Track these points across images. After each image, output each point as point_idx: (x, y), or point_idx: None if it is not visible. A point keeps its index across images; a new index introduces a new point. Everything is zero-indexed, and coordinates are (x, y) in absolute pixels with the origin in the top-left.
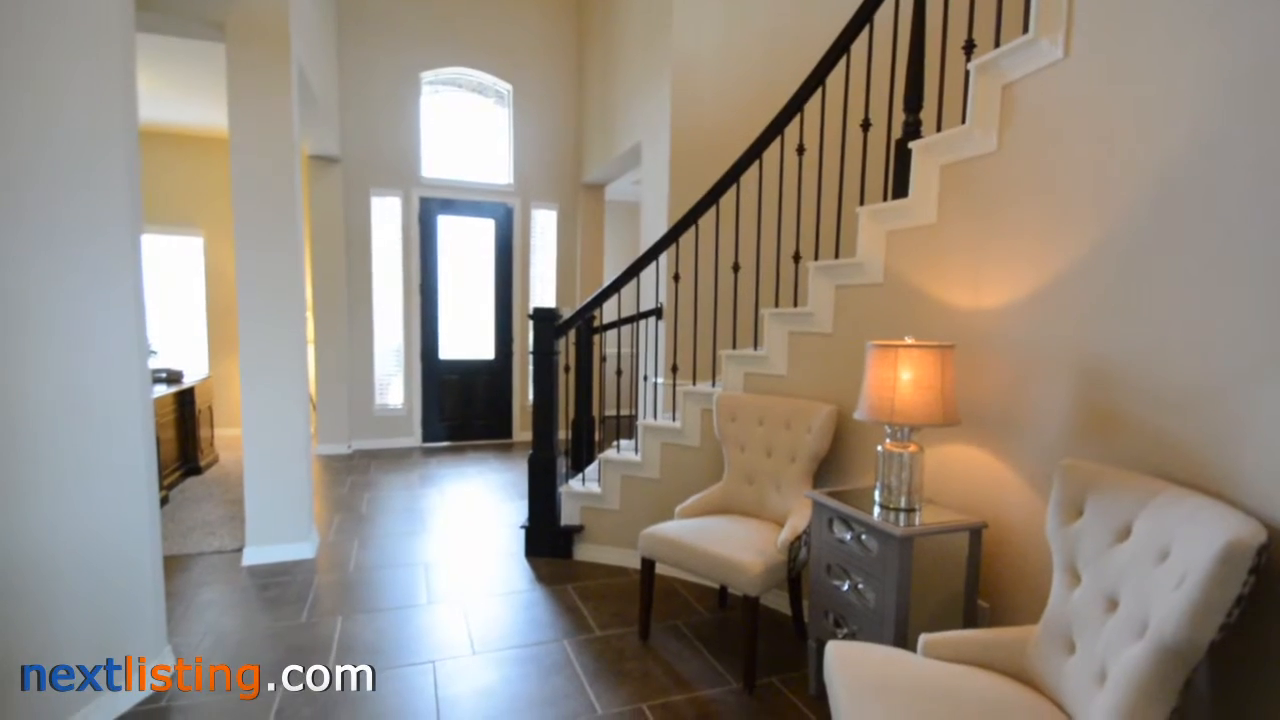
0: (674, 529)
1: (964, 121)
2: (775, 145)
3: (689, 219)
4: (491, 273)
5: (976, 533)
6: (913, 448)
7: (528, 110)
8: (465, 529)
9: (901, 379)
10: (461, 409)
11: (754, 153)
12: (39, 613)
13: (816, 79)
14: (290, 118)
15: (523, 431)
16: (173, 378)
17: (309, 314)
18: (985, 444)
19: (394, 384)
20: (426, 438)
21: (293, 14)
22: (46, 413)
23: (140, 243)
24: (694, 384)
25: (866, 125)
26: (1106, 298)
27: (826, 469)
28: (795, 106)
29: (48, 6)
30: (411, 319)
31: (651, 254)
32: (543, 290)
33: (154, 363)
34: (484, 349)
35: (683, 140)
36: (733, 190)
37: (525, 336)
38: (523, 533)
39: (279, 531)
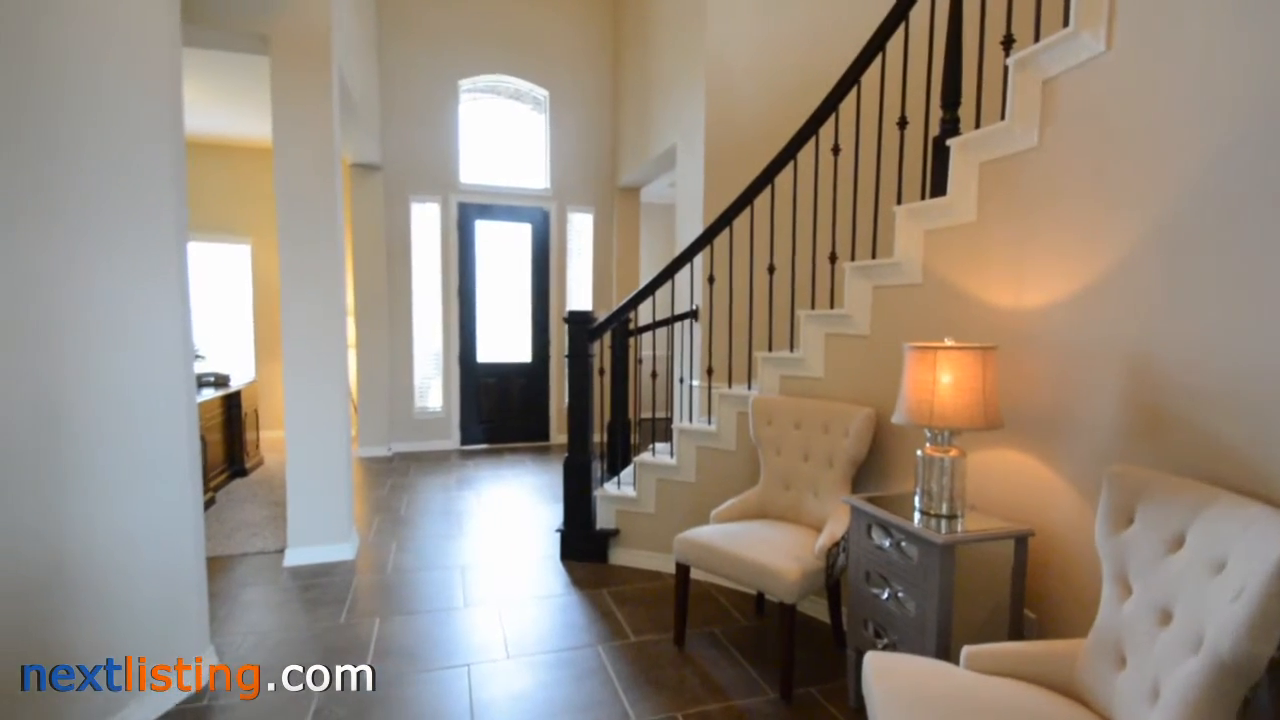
0: (709, 534)
1: (1003, 118)
2: (810, 145)
3: (723, 220)
4: (528, 276)
5: (1022, 541)
6: (954, 452)
7: (564, 115)
8: (502, 532)
9: (941, 381)
10: (499, 412)
11: (788, 153)
12: (82, 612)
13: (851, 78)
14: (331, 126)
15: (560, 434)
16: (220, 381)
17: (351, 319)
18: (1030, 448)
19: (433, 387)
20: (465, 440)
21: (334, 26)
22: (91, 415)
23: (186, 250)
24: (730, 387)
25: (903, 123)
26: (1155, 295)
27: (865, 473)
28: (830, 106)
29: (99, 23)
30: (450, 323)
31: (686, 256)
32: (579, 293)
33: (201, 367)
34: (521, 352)
35: (717, 141)
36: (767, 191)
37: (562, 339)
38: (558, 536)
39: (320, 533)
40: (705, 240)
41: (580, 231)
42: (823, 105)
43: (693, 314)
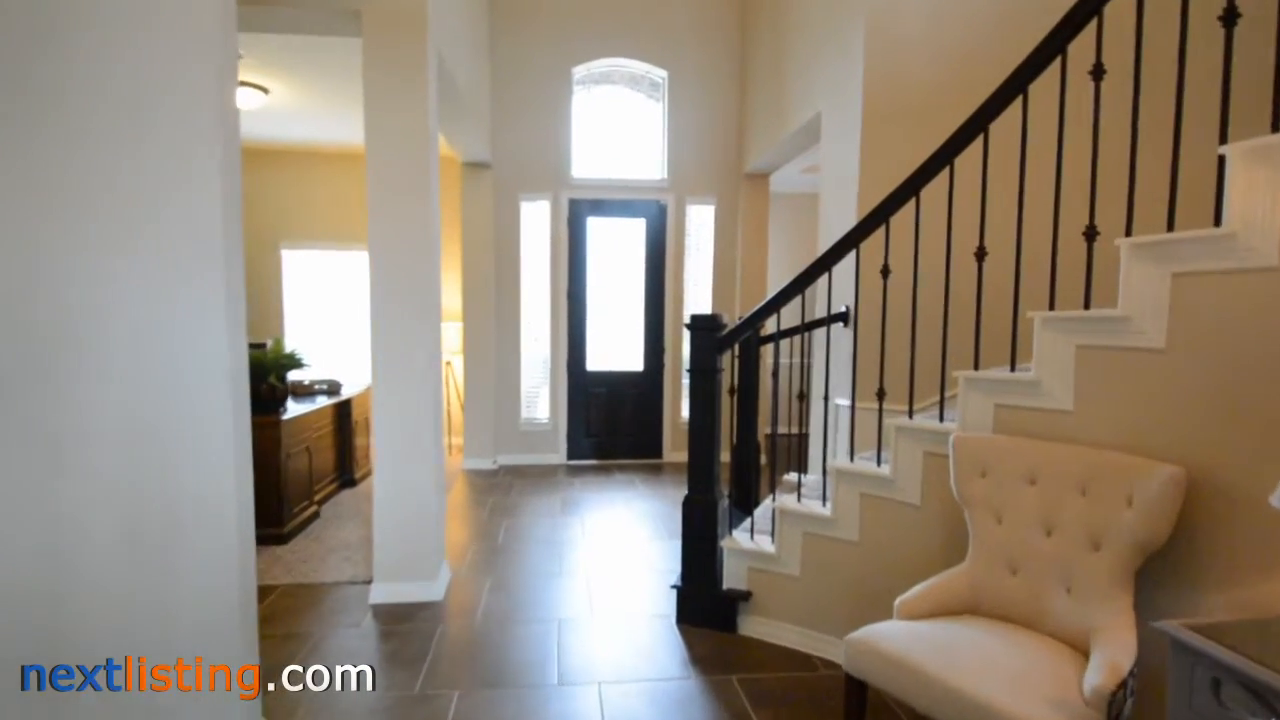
0: (900, 640)
1: None
2: (1051, 72)
3: (908, 189)
4: (641, 277)
5: None
6: None
7: (684, 97)
8: (607, 573)
9: None
10: (608, 425)
11: (1014, 86)
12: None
13: None
14: (426, 108)
15: (673, 451)
16: (332, 389)
17: (459, 324)
18: None
19: (540, 397)
20: (572, 455)
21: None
22: (99, 440)
23: (236, 254)
24: (910, 416)
25: (1232, 17)
26: None
27: (1162, 566)
28: (1089, 8)
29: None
30: (559, 328)
31: (850, 241)
32: (698, 295)
33: (313, 375)
34: (633, 360)
35: (879, 101)
36: (975, 148)
37: (678, 347)
38: (674, 592)
39: (407, 569)
40: (879, 218)
41: (700, 226)
42: (1075, 8)
43: (841, 317)
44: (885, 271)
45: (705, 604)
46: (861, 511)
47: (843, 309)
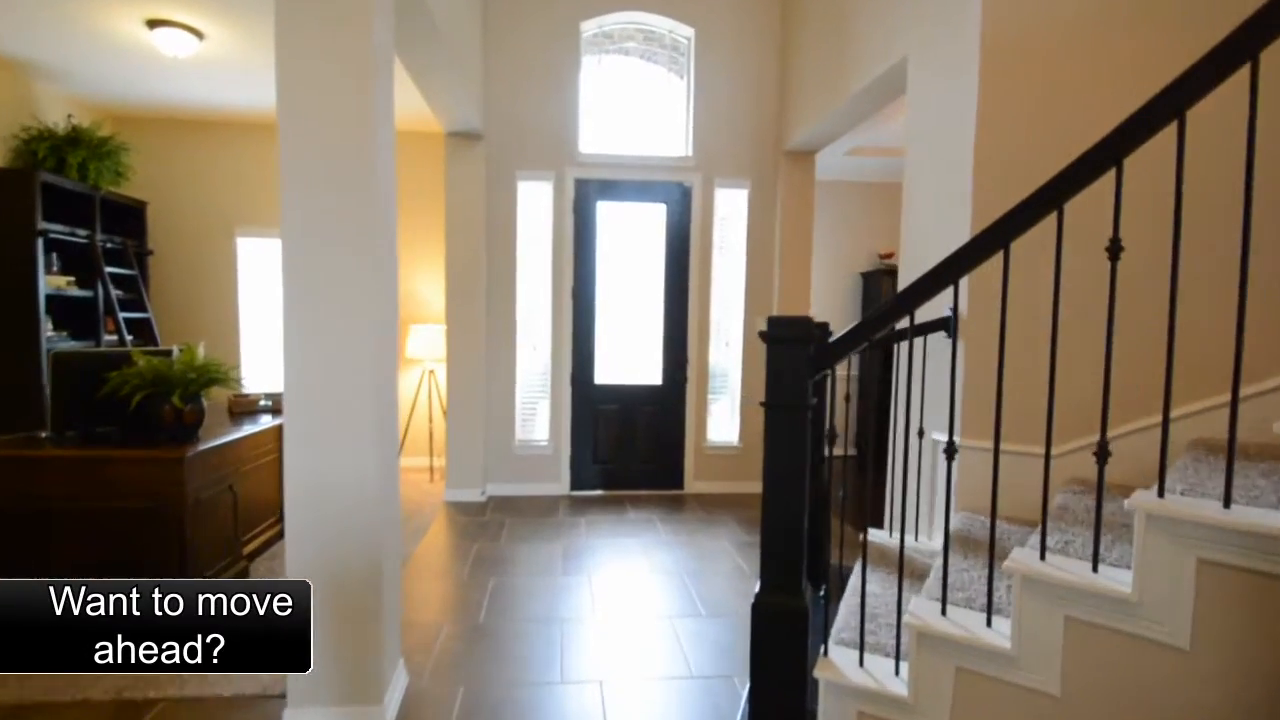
0: None
1: None
2: None
3: (1163, 107)
4: (660, 272)
5: None
6: None
7: (713, 59)
8: (630, 685)
9: None
10: (620, 449)
11: None
12: None
13: None
14: (369, 21)
15: (697, 481)
16: (279, 406)
17: (442, 328)
18: None
19: (539, 414)
20: (576, 484)
21: None
22: None
23: None
24: (1160, 493)
25: None
26: None
27: None
28: None
29: None
30: (561, 332)
31: (1049, 199)
32: (729, 295)
33: (255, 387)
34: (649, 372)
35: (1005, 23)
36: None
37: (703, 356)
38: None
39: (340, 684)
40: (1111, 152)
41: (730, 213)
42: None
43: (943, 324)
44: (1115, 250)
45: None
46: (1067, 647)
47: (945, 313)
